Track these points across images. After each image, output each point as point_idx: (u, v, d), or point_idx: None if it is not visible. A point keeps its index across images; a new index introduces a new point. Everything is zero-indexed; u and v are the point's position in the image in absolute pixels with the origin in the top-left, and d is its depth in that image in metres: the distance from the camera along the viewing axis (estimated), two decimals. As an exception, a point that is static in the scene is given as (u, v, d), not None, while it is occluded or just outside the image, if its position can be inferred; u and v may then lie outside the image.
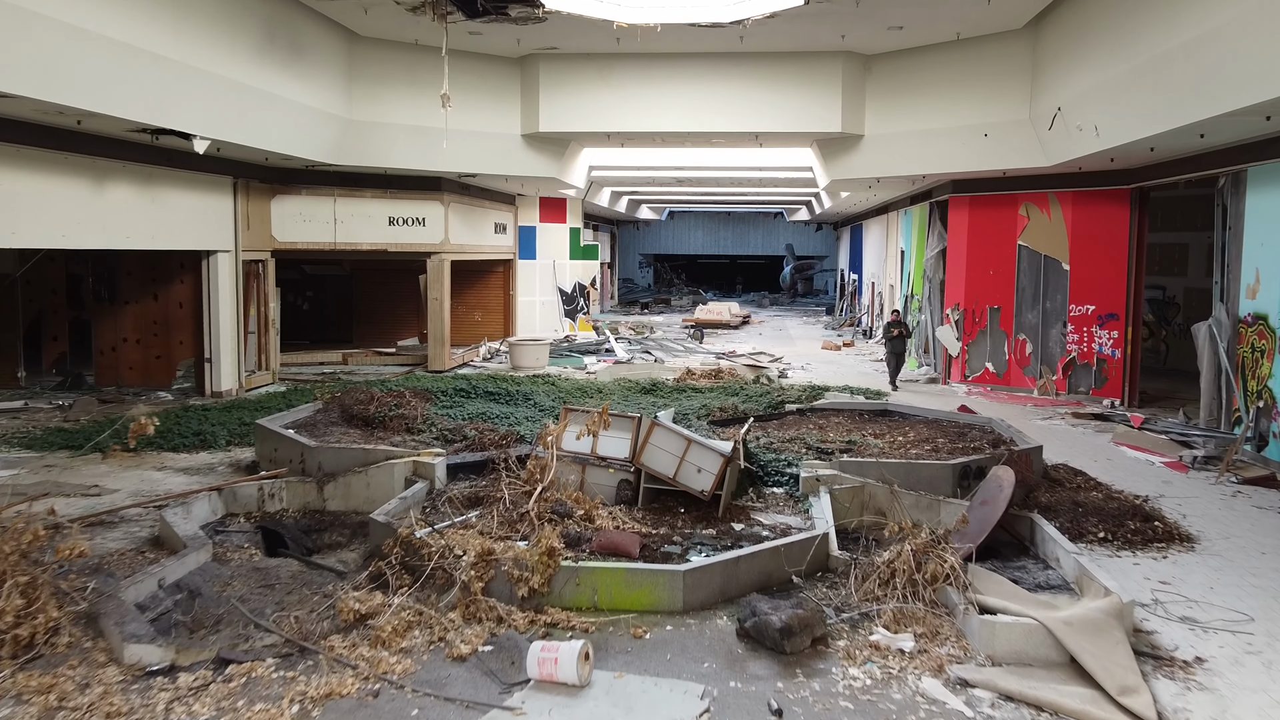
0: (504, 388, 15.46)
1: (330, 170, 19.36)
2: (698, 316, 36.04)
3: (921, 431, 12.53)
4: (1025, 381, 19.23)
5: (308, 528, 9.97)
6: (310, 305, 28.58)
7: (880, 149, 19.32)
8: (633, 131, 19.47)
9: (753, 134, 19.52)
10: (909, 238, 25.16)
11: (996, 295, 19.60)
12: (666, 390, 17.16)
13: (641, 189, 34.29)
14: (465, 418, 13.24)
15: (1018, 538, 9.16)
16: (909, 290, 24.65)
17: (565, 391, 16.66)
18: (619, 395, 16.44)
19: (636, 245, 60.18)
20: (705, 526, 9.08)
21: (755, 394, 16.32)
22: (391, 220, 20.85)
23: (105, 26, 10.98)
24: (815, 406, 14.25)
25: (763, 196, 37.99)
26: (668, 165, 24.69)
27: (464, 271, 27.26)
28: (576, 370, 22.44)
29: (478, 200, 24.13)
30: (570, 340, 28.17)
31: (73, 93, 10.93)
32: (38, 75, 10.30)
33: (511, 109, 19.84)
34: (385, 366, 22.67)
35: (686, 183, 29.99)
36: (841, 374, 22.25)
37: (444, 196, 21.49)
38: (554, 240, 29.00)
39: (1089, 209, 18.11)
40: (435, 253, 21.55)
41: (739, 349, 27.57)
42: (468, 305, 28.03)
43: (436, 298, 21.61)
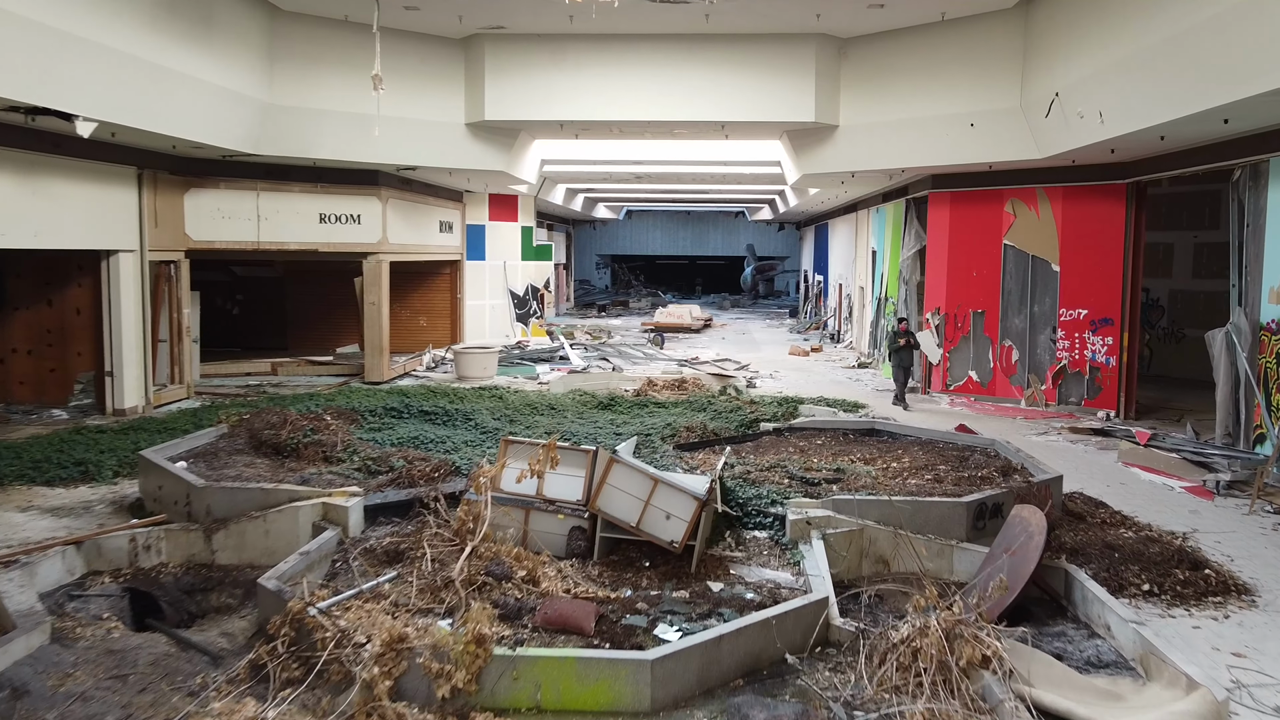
0: (442, 405, 13.67)
1: (252, 161, 17.43)
2: (657, 320, 34.45)
3: (917, 456, 11.01)
4: (1012, 391, 17.88)
5: (191, 587, 8.19)
6: (241, 310, 26.51)
7: (856, 141, 17.86)
8: (588, 121, 17.80)
9: (718, 124, 17.95)
10: (882, 237, 23.79)
11: (980, 298, 18.24)
12: (626, 405, 15.50)
13: (598, 186, 32.63)
14: (394, 443, 11.47)
15: (1049, 593, 7.65)
16: (882, 293, 23.28)
17: (513, 407, 14.93)
18: (573, 412, 14.75)
19: (594, 246, 58.46)
20: (676, 585, 7.44)
21: (724, 409, 14.73)
22: (323, 217, 18.96)
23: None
24: (794, 425, 12.68)
25: (725, 194, 36.51)
26: (626, 159, 23.05)
27: (407, 273, 25.38)
28: (528, 380, 20.70)
29: (420, 196, 22.29)
30: (522, 347, 26.39)
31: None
32: None
33: (454, 95, 18.07)
34: (319, 377, 20.75)
35: (645, 179, 28.39)
36: (813, 383, 20.78)
37: (382, 192, 19.64)
38: (505, 240, 27.21)
39: (1081, 206, 16.80)
40: (372, 253, 19.69)
41: (702, 355, 26.00)
42: (411, 310, 26.14)
43: (374, 302, 19.74)
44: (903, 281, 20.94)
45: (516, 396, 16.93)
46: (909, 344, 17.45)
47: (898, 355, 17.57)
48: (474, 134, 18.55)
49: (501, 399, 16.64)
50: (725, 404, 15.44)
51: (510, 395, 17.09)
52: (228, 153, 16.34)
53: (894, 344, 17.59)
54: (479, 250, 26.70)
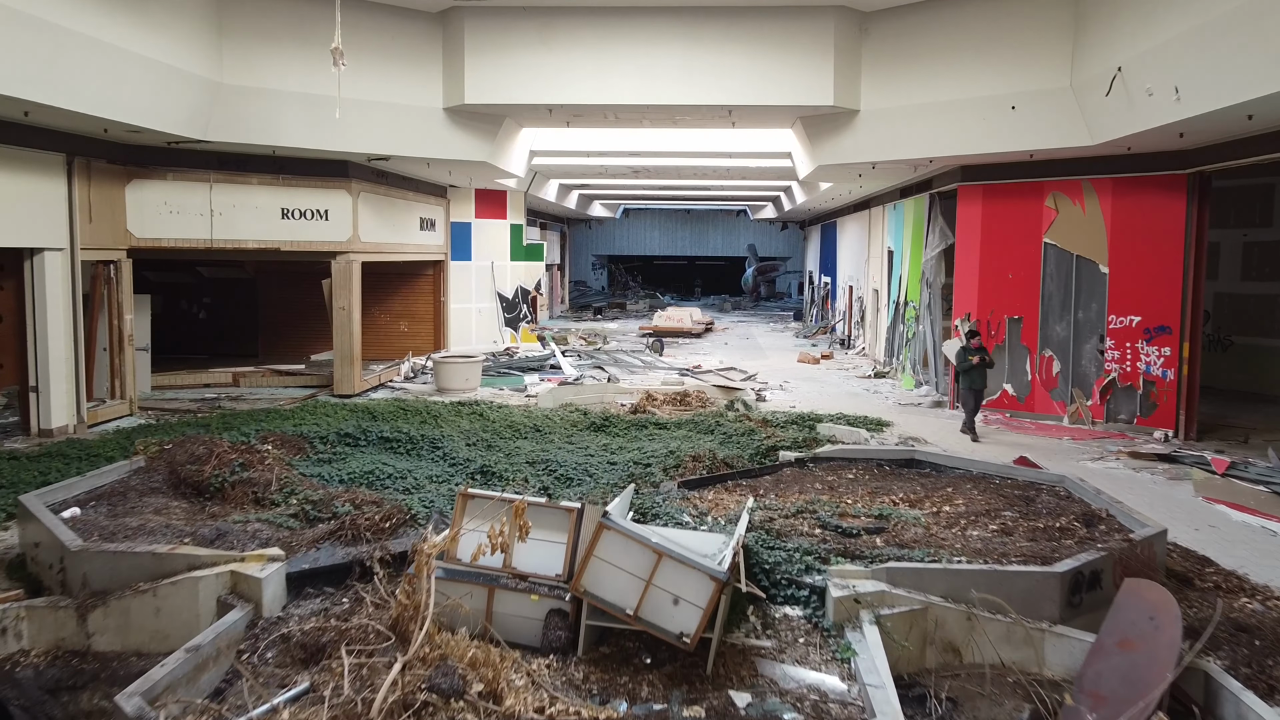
0: (406, 431, 11.68)
1: (203, 149, 15.55)
2: (656, 324, 32.56)
3: (971, 496, 9.15)
4: (1053, 407, 16.03)
5: (56, 684, 6.33)
6: (208, 314, 24.66)
7: (878, 128, 16.01)
8: (579, 105, 15.92)
9: (725, 109, 16.07)
10: (900, 236, 21.94)
11: (1017, 303, 16.39)
12: (622, 425, 13.62)
13: (593, 182, 30.76)
14: (345, 480, 9.58)
15: (1181, 700, 5.78)
16: (900, 296, 21.43)
17: (493, 429, 13.03)
18: (561, 434, 12.87)
19: (590, 246, 56.58)
20: (687, 693, 5.58)
21: (734, 431, 12.85)
22: (286, 213, 17.06)
23: None
24: (819, 455, 10.79)
25: (728, 191, 34.64)
26: (622, 150, 21.18)
27: (386, 274, 23.53)
28: (515, 392, 18.83)
29: (398, 191, 20.41)
30: (511, 354, 24.53)
31: None
32: None
33: (431, 76, 16.19)
34: (285, 389, 18.85)
35: (644, 174, 26.53)
36: (828, 395, 18.92)
37: (352, 185, 17.76)
38: (492, 238, 25.33)
39: (1134, 199, 14.95)
40: (342, 253, 17.80)
41: (705, 362, 24.15)
42: (392, 314, 24.28)
43: (344, 307, 17.85)
44: (925, 284, 19.09)
45: (499, 414, 15.05)
46: (983, 361, 14.64)
47: (968, 375, 14.68)
48: (453, 120, 16.67)
49: (483, 416, 14.77)
50: (734, 424, 13.57)
51: (492, 412, 15.21)
52: (173, 139, 14.46)
53: (963, 361, 14.78)
54: (464, 250, 24.82)
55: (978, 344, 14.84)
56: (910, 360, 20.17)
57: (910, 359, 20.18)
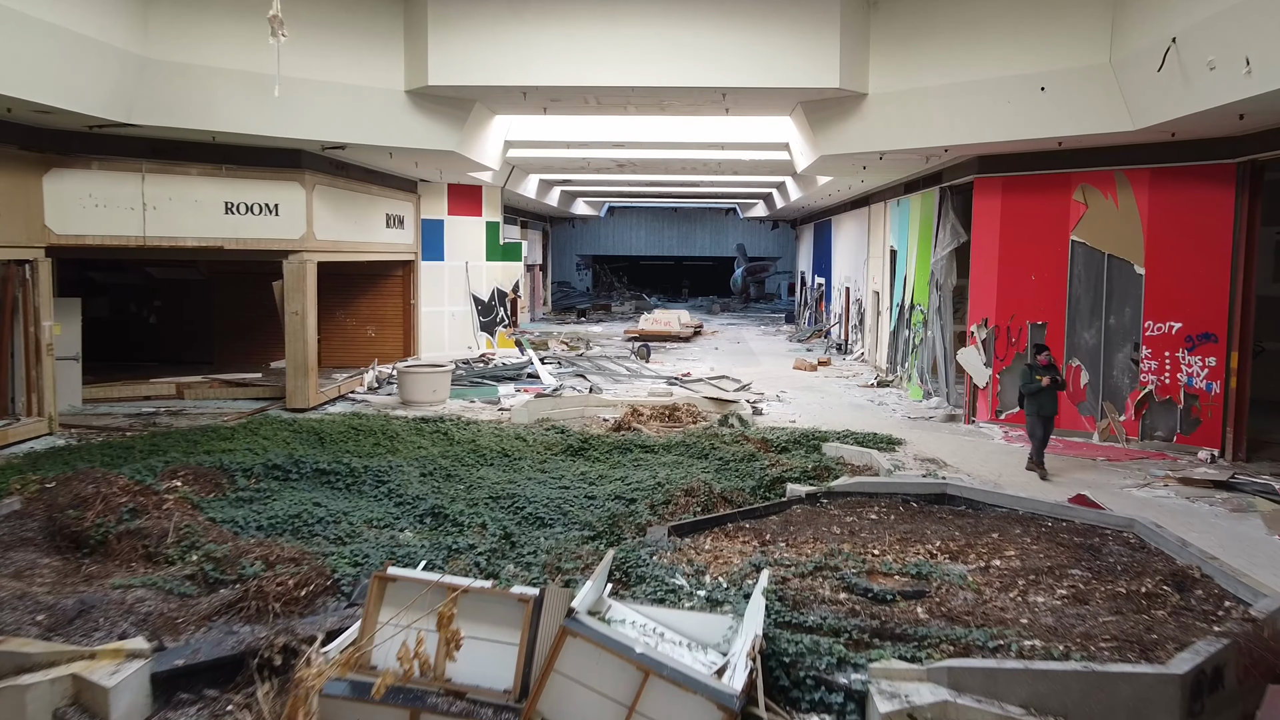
0: (346, 462, 9.90)
1: (133, 135, 13.83)
2: (642, 327, 30.91)
3: (1025, 546, 7.55)
4: (1080, 422, 14.49)
5: None
6: (160, 318, 22.88)
7: (888, 113, 14.44)
8: (556, 87, 14.28)
9: (719, 92, 14.46)
10: (904, 233, 20.39)
11: (1040, 307, 14.84)
12: (603, 448, 11.96)
13: (575, 177, 29.10)
14: (264, 526, 7.91)
15: None
16: (905, 299, 19.87)
17: (454, 454, 11.35)
18: (533, 460, 11.21)
19: (574, 245, 54.87)
20: None
21: (732, 456, 11.22)
22: (230, 207, 15.34)
23: None
24: (834, 489, 9.18)
25: (718, 189, 33.03)
26: (605, 141, 19.52)
27: (352, 275, 21.83)
28: (487, 405, 17.17)
29: (360, 184, 18.70)
30: (487, 361, 22.86)
31: None
32: None
33: (391, 55, 14.52)
34: (234, 401, 17.13)
35: (629, 168, 24.90)
36: (829, 407, 17.34)
37: (306, 177, 16.04)
38: (467, 237, 23.63)
39: (1176, 191, 13.42)
40: (294, 251, 16.08)
41: (694, 369, 22.54)
42: (358, 318, 22.57)
43: (296, 312, 16.14)
44: (935, 286, 17.53)
45: (465, 433, 13.40)
46: (1055, 382, 12.15)
47: (1037, 399, 12.19)
48: (417, 105, 15.00)
49: (446, 436, 13.12)
50: (731, 446, 11.95)
51: (458, 430, 13.55)
52: (92, 122, 12.74)
53: (1029, 382, 12.25)
54: (436, 249, 23.12)
55: (1047, 360, 12.32)
56: (917, 368, 18.61)
57: (917, 367, 18.62)
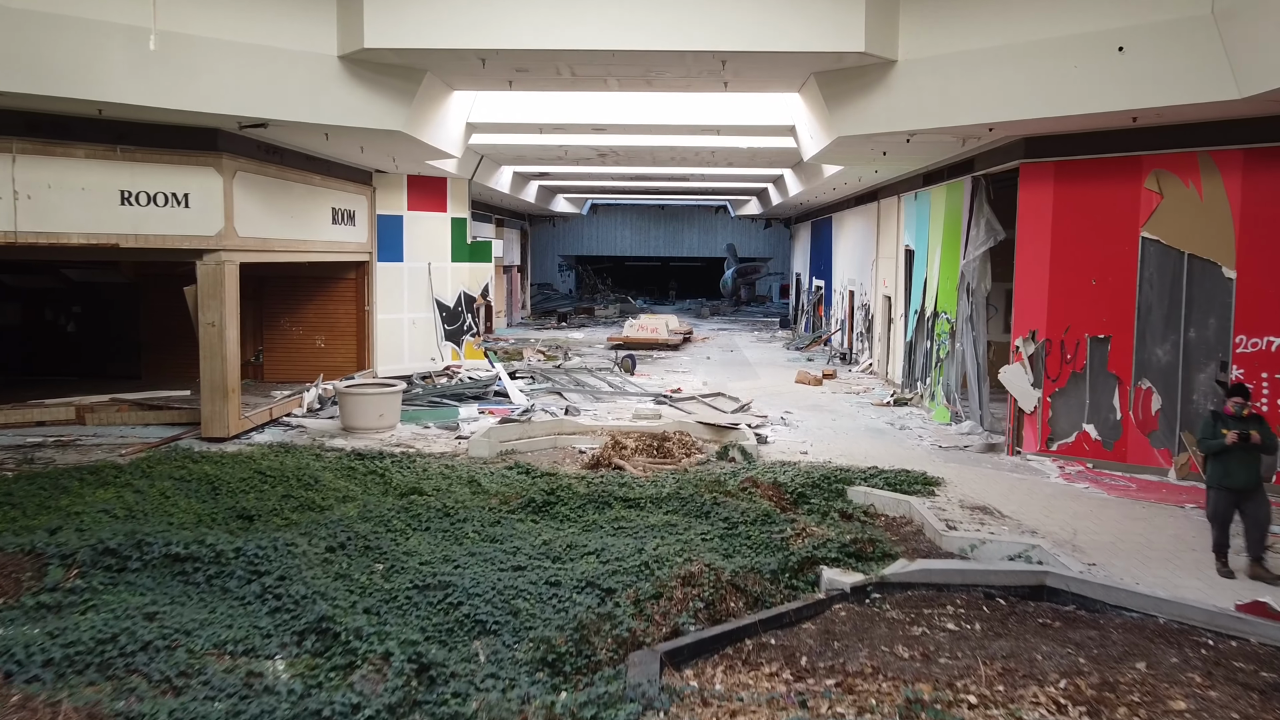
0: (211, 545, 6.99)
1: (1, 107, 11.25)
2: (626, 334, 28.33)
3: (1195, 691, 5.05)
4: (1152, 456, 12.05)
5: None
6: (79, 326, 20.21)
7: (921, 84, 11.97)
8: (521, 50, 11.72)
9: (718, 58, 11.96)
10: (923, 231, 17.94)
11: (1102, 318, 12.41)
12: (575, 502, 9.38)
13: (553, 169, 26.52)
14: (56, 659, 5.30)
15: None
16: (926, 305, 17.42)
17: (380, 510, 8.74)
18: (480, 523, 8.62)
19: (555, 245, 52.28)
20: None
21: (742, 517, 8.64)
22: (127, 197, 12.71)
23: None
24: (889, 578, 6.64)
25: (709, 183, 30.50)
26: (584, 124, 16.92)
27: (297, 278, 19.25)
28: (444, 431, 14.61)
29: (298, 172, 16.08)
30: (453, 374, 20.29)
31: None
32: None
33: (321, 12, 11.95)
34: (143, 428, 14.51)
35: (612, 158, 22.33)
36: (844, 433, 14.86)
37: (224, 161, 13.43)
38: (429, 235, 21.02)
39: (1275, 177, 11.00)
40: (209, 250, 13.47)
41: (686, 384, 20.04)
42: (306, 327, 19.95)
43: (213, 323, 13.52)
44: (965, 292, 15.08)
45: (407, 474, 10.86)
46: (1267, 443, 7.98)
47: (1222, 464, 8.08)
48: (354, 75, 12.44)
49: (382, 479, 10.59)
50: (737, 498, 9.41)
51: (399, 472, 11.00)
52: (-67, 88, 10.13)
53: (1209, 437, 8.16)
54: (395, 248, 20.50)
55: (1239, 406, 8.10)
56: (942, 386, 16.15)
57: (942, 384, 16.16)
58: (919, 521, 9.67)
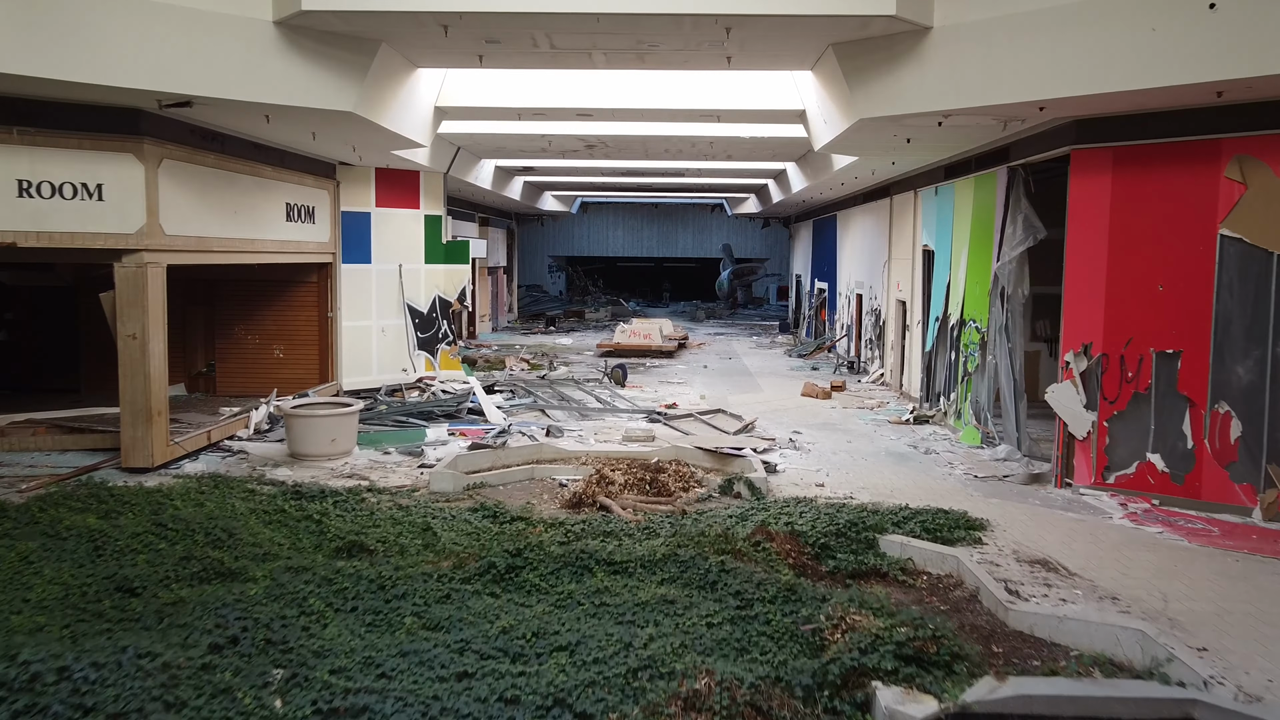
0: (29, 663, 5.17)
1: None
2: (618, 341, 26.45)
3: None
4: (1232, 492, 10.25)
5: None
6: (13, 334, 18.32)
7: (960, 55, 10.18)
8: (490, 14, 9.88)
9: (721, 25, 10.13)
10: (946, 230, 16.13)
11: (1171, 330, 10.61)
12: (547, 565, 7.48)
13: (538, 164, 24.66)
14: None
15: None
16: (950, 312, 15.62)
17: (299, 587, 6.86)
18: (425, 592, 6.75)
19: (545, 245, 50.39)
20: None
21: (757, 592, 6.75)
22: (25, 188, 10.83)
23: None
24: (973, 708, 4.82)
25: (706, 178, 28.66)
26: (568, 107, 15.02)
27: (253, 281, 17.41)
28: (409, 456, 12.76)
29: (244, 162, 14.20)
30: (426, 386, 18.42)
31: None
32: None
33: (251, -30, 10.12)
34: (61, 454, 12.64)
35: (600, 149, 20.47)
36: (861, 457, 13.03)
37: (146, 147, 11.55)
38: (400, 234, 19.15)
39: (1393, 164, 9.24)
40: (130, 251, 11.59)
41: (682, 398, 18.21)
42: (263, 335, 18.07)
43: (134, 335, 11.65)
44: (999, 298, 13.29)
45: (346, 522, 9.01)
46: None
47: None
48: (295, 45, 10.59)
49: (317, 527, 8.77)
50: (750, 559, 7.59)
51: (336, 518, 9.15)
52: None
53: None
54: (362, 249, 18.63)
55: None
56: (971, 403, 14.35)
57: (971, 401, 14.37)
58: (972, 584, 7.89)
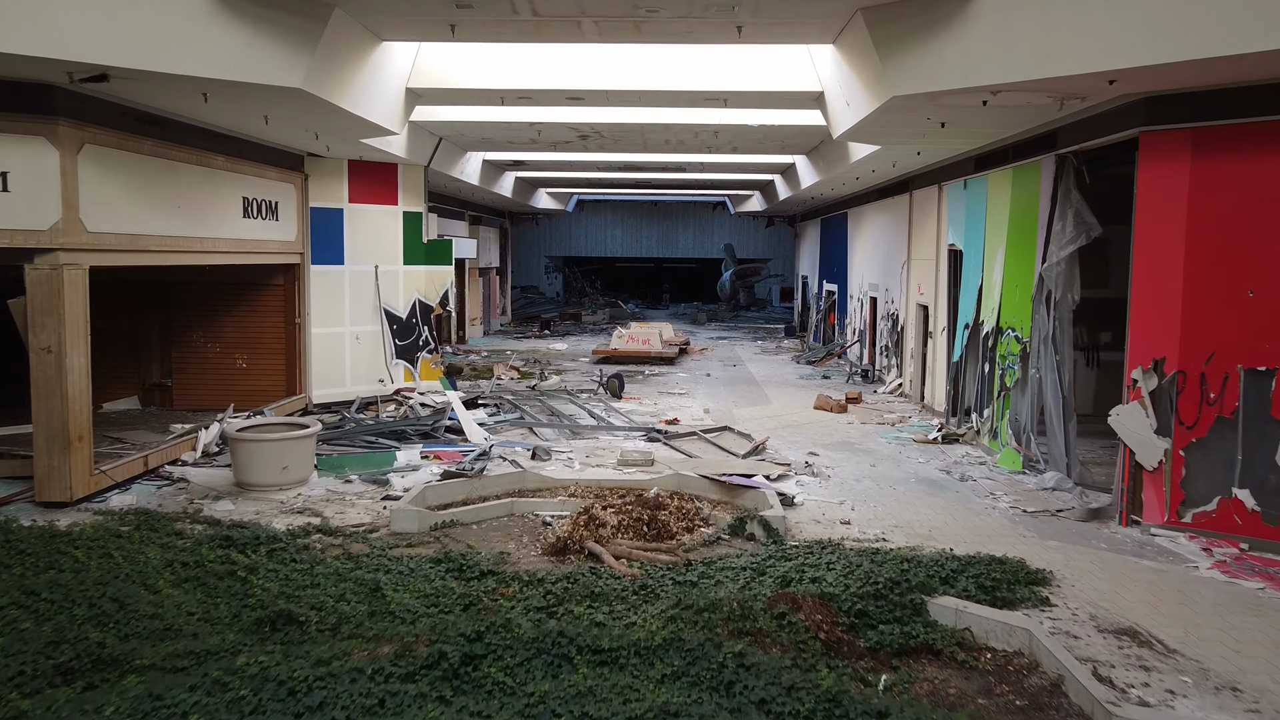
0: None
1: None
2: (615, 346, 24.82)
3: None
4: (1338, 537, 8.67)
5: None
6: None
7: (1012, 20, 8.60)
8: (456, -31, 8.30)
9: (731, -18, 8.54)
10: (977, 226, 14.54)
11: (1264, 343, 9.01)
12: (514, 653, 5.85)
13: (529, 158, 23.04)
14: None
15: None
16: (982, 319, 14.02)
17: (232, 647, 5.26)
18: (344, 711, 5.13)
19: (541, 245, 48.78)
20: None
21: (794, 705, 5.17)
22: (-86, 177, 9.25)
23: None
24: None
25: (709, 174, 27.04)
26: (557, 88, 13.37)
27: (213, 284, 15.82)
28: (373, 485, 11.16)
29: (188, 150, 12.59)
30: (403, 400, 16.82)
31: None
32: None
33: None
34: (-25, 484, 11.02)
35: (595, 140, 18.85)
36: (890, 485, 11.41)
37: (61, 130, 9.92)
38: (376, 232, 17.55)
39: None
40: (44, 250, 9.97)
41: (683, 413, 16.60)
42: (224, 343, 16.47)
43: (49, 348, 10.02)
44: (1044, 304, 11.70)
45: (277, 581, 7.39)
46: None
47: None
48: (232, 8, 9.00)
49: (243, 585, 7.23)
50: (781, 661, 5.99)
51: (265, 574, 7.54)
52: None
53: None
54: (333, 249, 17.02)
55: None
56: (1010, 422, 12.75)
57: (1010, 420, 12.77)
58: (1052, 669, 6.30)
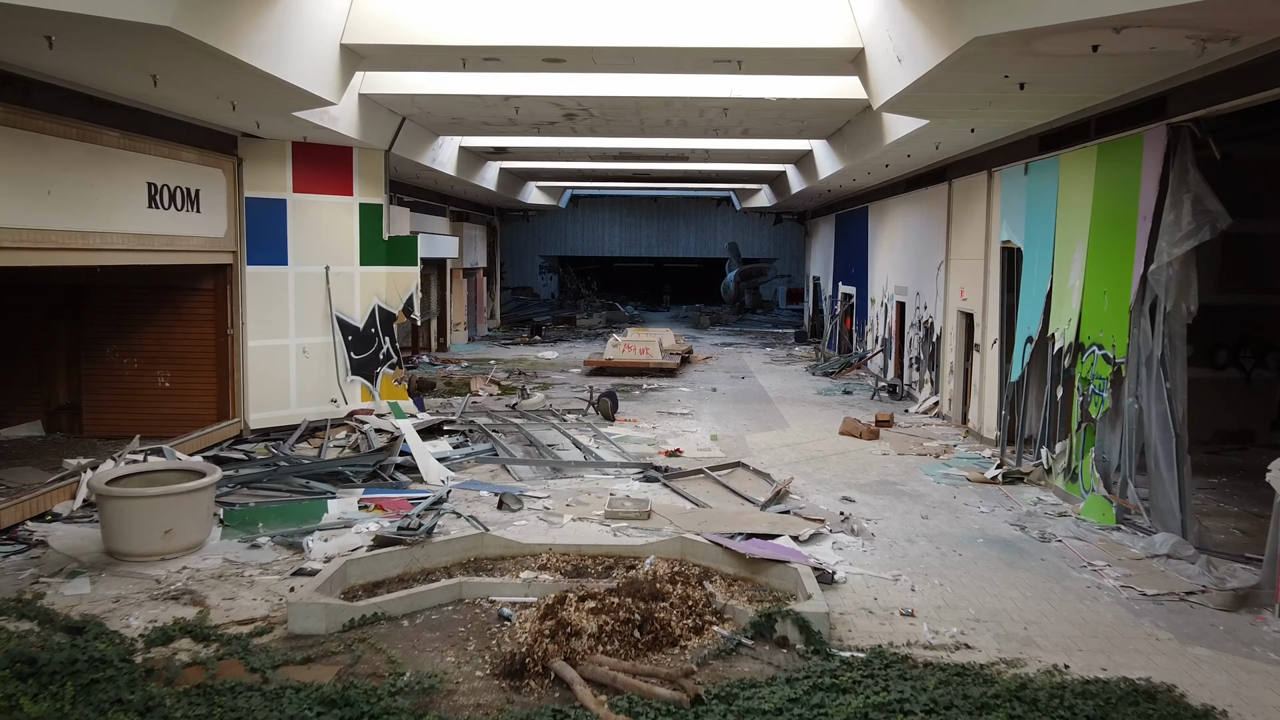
0: None
1: None
2: (609, 356, 22.22)
3: None
4: None
5: None
6: None
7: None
8: None
9: None
10: (1044, 219, 11.97)
11: None
12: None
13: (509, 142, 20.43)
14: None
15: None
16: (1058, 332, 11.47)
17: None
18: None
19: (535, 244, 46.21)
20: None
21: None
22: None
23: None
24: None
25: (714, 164, 24.46)
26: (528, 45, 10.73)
27: (129, 288, 13.33)
28: (286, 547, 8.60)
29: (67, 123, 10.02)
30: (356, 426, 14.24)
31: None
32: None
33: None
34: None
35: (582, 120, 16.24)
36: (951, 547, 8.84)
37: None
38: (327, 227, 15.00)
39: None
40: None
41: (687, 440, 14.06)
42: (144, 358, 13.95)
43: None
44: (1147, 315, 9.15)
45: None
46: None
47: None
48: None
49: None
50: None
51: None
52: None
53: None
54: (274, 246, 14.45)
55: None
56: (1096, 461, 10.18)
57: (1096, 458, 10.20)
58: None
